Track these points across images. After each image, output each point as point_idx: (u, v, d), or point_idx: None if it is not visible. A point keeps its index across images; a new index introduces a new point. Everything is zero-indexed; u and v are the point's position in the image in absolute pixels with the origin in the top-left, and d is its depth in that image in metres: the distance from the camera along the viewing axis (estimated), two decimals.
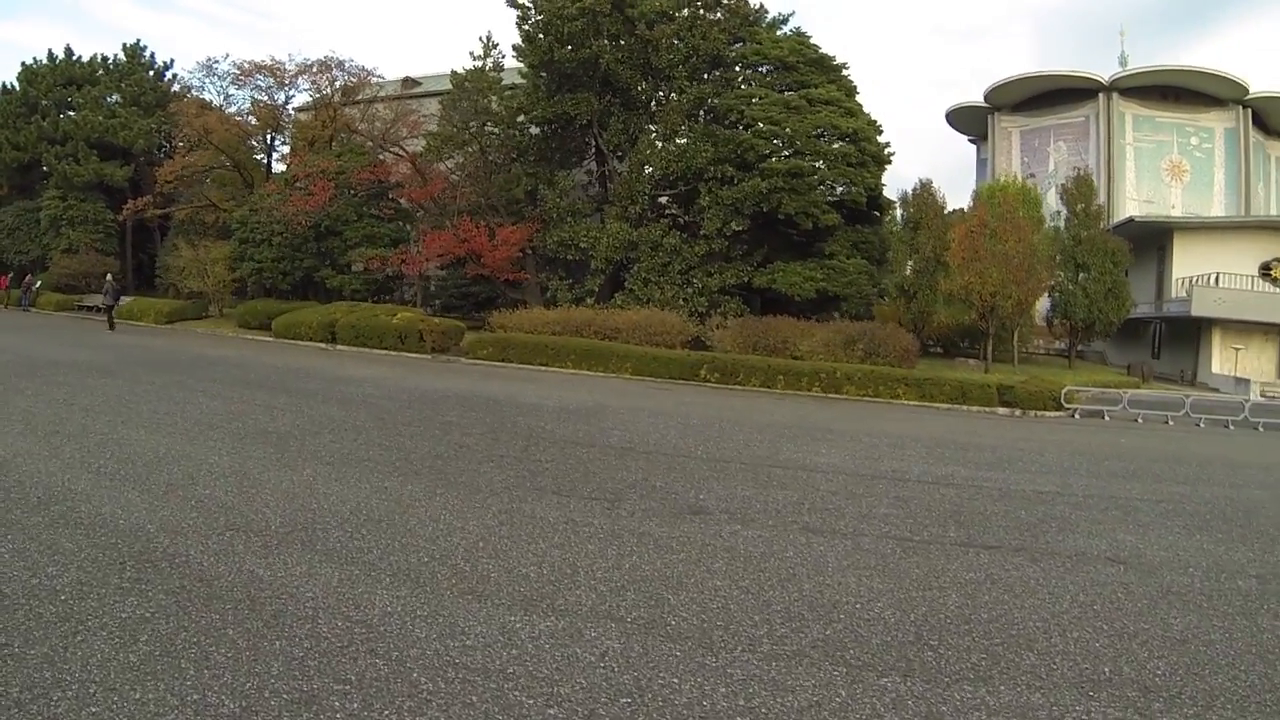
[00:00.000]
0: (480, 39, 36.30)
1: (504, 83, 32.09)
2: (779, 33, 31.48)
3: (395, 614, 4.42)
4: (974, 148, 67.55)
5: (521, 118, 30.96)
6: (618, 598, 4.89)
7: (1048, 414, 19.48)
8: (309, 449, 8.82)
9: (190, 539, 5.53)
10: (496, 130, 30.78)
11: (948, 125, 66.36)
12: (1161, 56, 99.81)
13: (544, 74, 28.50)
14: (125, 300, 34.12)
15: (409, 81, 36.11)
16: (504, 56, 33.83)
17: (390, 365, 19.66)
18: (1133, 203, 53.83)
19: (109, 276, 30.60)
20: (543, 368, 20.95)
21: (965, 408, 19.47)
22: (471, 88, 31.07)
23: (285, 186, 29.66)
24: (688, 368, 20.57)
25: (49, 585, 4.52)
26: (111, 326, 27.04)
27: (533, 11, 28.09)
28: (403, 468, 8.14)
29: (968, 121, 65.01)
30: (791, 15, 31.99)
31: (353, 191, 29.29)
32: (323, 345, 23.83)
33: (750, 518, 7.06)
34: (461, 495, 7.21)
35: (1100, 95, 56.55)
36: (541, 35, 27.20)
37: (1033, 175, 51.79)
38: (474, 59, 33.68)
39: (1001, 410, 19.59)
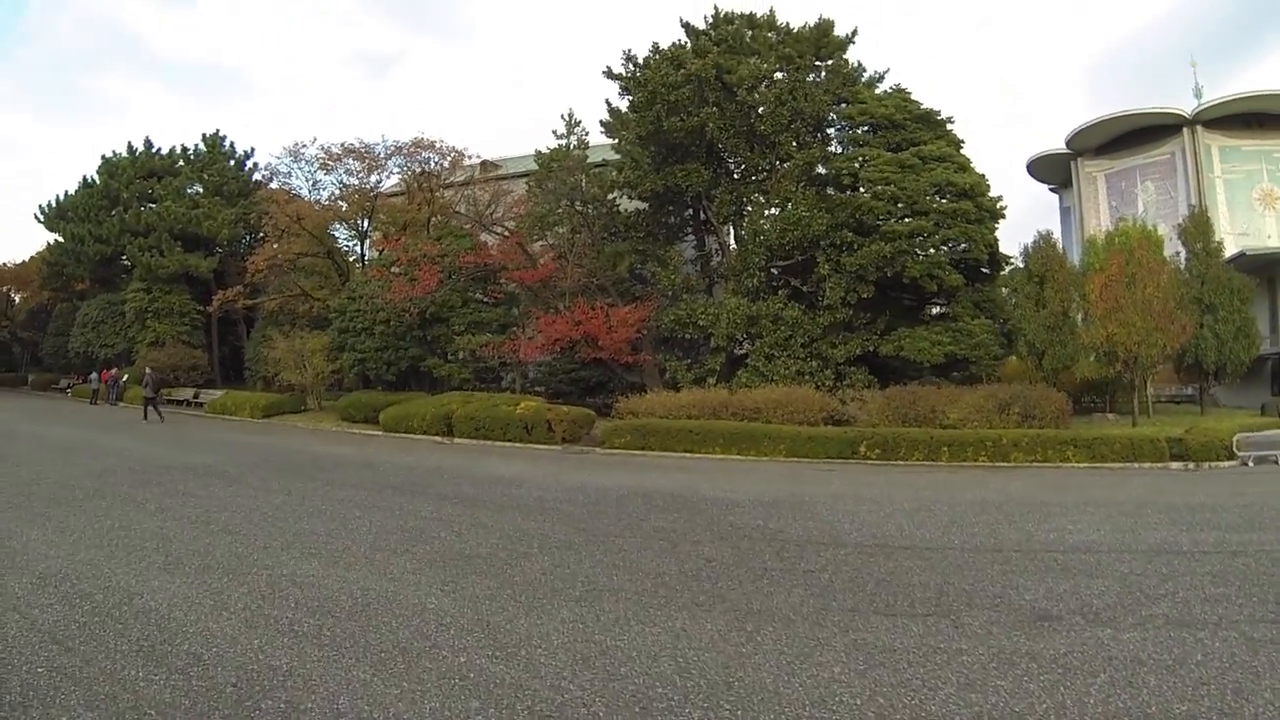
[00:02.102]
0: (562, 117, 36.44)
1: (589, 160, 31.99)
2: (878, 90, 30.95)
3: None
4: (1054, 196, 66.56)
5: (615, 194, 30.74)
6: None
7: (1221, 464, 18.51)
8: (537, 580, 7.67)
9: None
10: (588, 208, 30.49)
11: (1029, 175, 65.52)
12: (1227, 83, 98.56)
13: (651, 146, 28.04)
14: (216, 394, 34.17)
15: (488, 165, 36.01)
16: (587, 134, 33.84)
17: (527, 460, 18.85)
18: (1229, 236, 51.95)
19: (148, 370, 32.18)
20: (687, 454, 20.03)
21: (1137, 465, 18.58)
22: (559, 166, 30.88)
23: (384, 272, 29.25)
24: (845, 445, 19.62)
25: None
26: (146, 417, 28.05)
27: (634, 83, 27.73)
28: (672, 598, 7.11)
29: (1049, 170, 64.09)
30: (887, 72, 31.25)
31: (456, 276, 28.80)
32: (439, 439, 23.07)
33: (1101, 617, 6.51)
34: (783, 631, 6.21)
35: (1184, 130, 55.34)
36: (648, 106, 26.67)
37: (1122, 218, 50.42)
38: (557, 137, 33.74)
39: (1174, 465, 18.66)
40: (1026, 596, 7.12)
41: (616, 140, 32.80)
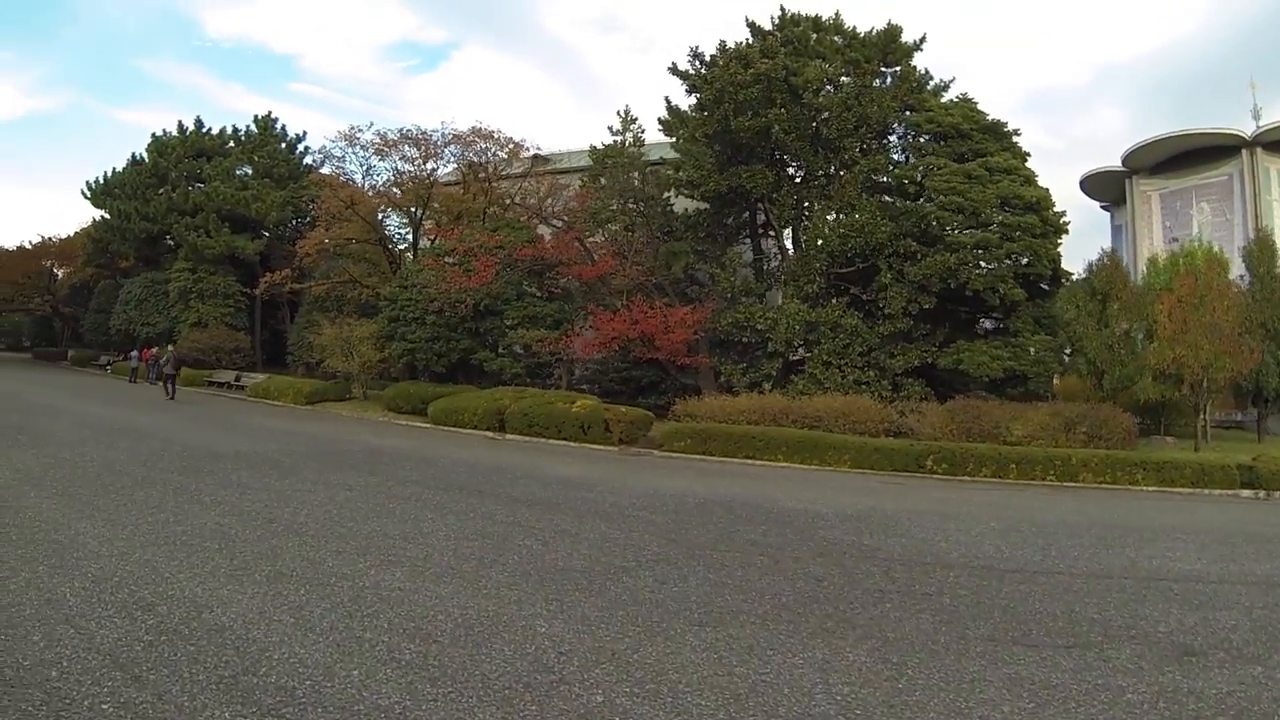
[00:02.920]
0: (618, 113, 36.44)
1: (644, 157, 31.87)
2: (943, 99, 30.61)
3: None
4: (1106, 213, 65.77)
5: (671, 193, 30.45)
6: None
7: None
8: (647, 599, 7.13)
9: None
10: (639, 206, 30.30)
11: (1081, 192, 64.68)
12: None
13: (716, 145, 27.82)
14: (258, 378, 34.21)
15: (539, 159, 35.83)
16: (643, 131, 33.70)
17: (587, 460, 18.60)
18: None
19: (170, 348, 33.66)
20: (748, 461, 19.80)
21: (1206, 491, 18.26)
22: (614, 163, 30.73)
23: (439, 261, 29.12)
24: (911, 459, 19.32)
25: None
26: (170, 395, 29.46)
27: (701, 81, 27.46)
28: (799, 623, 6.72)
29: (1101, 187, 63.27)
30: (953, 81, 30.88)
31: (512, 269, 28.52)
32: (490, 434, 22.85)
33: (1245, 654, 6.41)
34: (930, 663, 5.90)
35: (1243, 152, 54.44)
36: (715, 104, 26.42)
37: (1175, 239, 49.83)
38: (613, 133, 33.63)
39: (1244, 492, 18.40)
40: (1160, 628, 6.98)
41: (674, 139, 32.66)
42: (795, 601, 7.36)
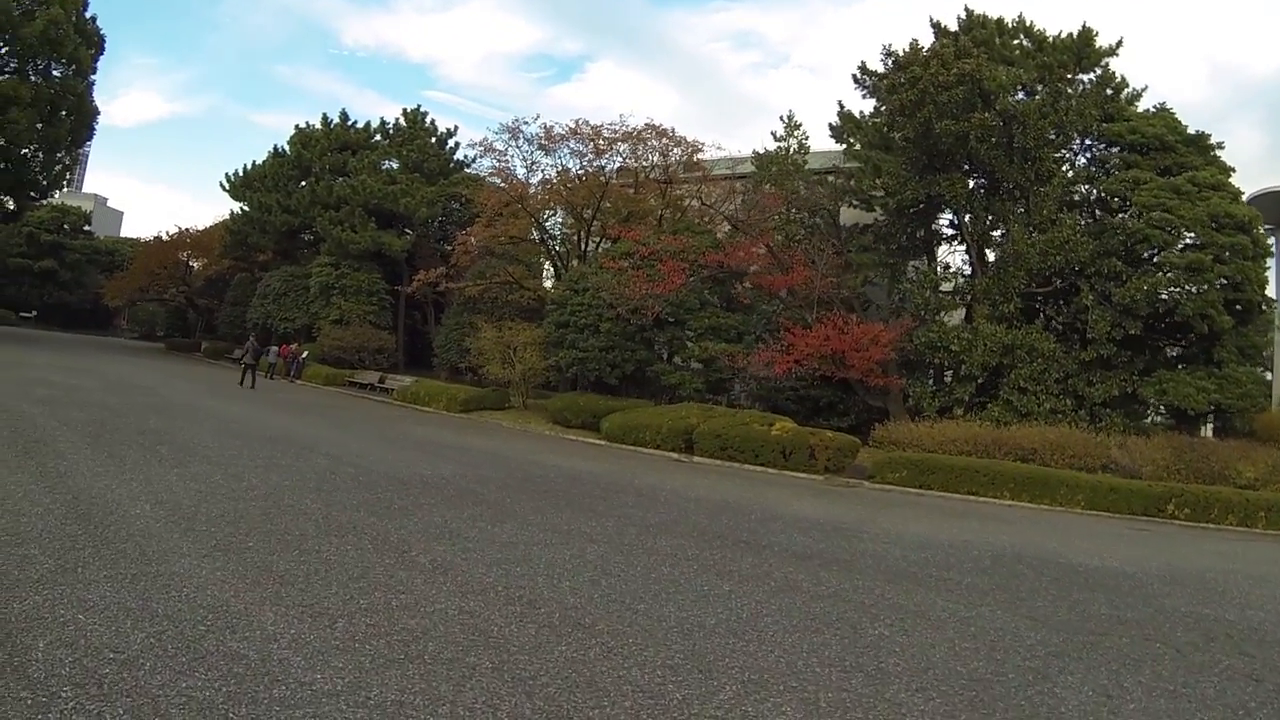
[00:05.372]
0: (781, 119, 36.00)
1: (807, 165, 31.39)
2: (1138, 108, 29.37)
3: None
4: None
5: (842, 202, 29.75)
6: None
7: None
8: None
9: None
10: (803, 215, 29.70)
11: None
12: None
13: (914, 152, 27.06)
14: (405, 380, 34.16)
15: (691, 164, 35.40)
16: (808, 137, 33.20)
17: (809, 494, 17.61)
18: None
19: (251, 337, 34.25)
20: (971, 497, 19.04)
21: None
22: (778, 170, 30.32)
23: (617, 264, 28.10)
24: (1150, 501, 18.41)
25: None
26: (242, 383, 30.46)
27: (902, 83, 26.53)
28: None
29: (1268, 207, 60.37)
30: (1145, 90, 29.56)
31: (696, 276, 27.61)
32: (675, 455, 21.94)
33: None
34: None
35: None
36: (917, 107, 25.67)
37: None
38: (776, 139, 33.14)
39: None
40: None
41: (845, 146, 32.02)
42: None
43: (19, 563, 6.39)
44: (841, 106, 31.91)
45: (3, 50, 38.60)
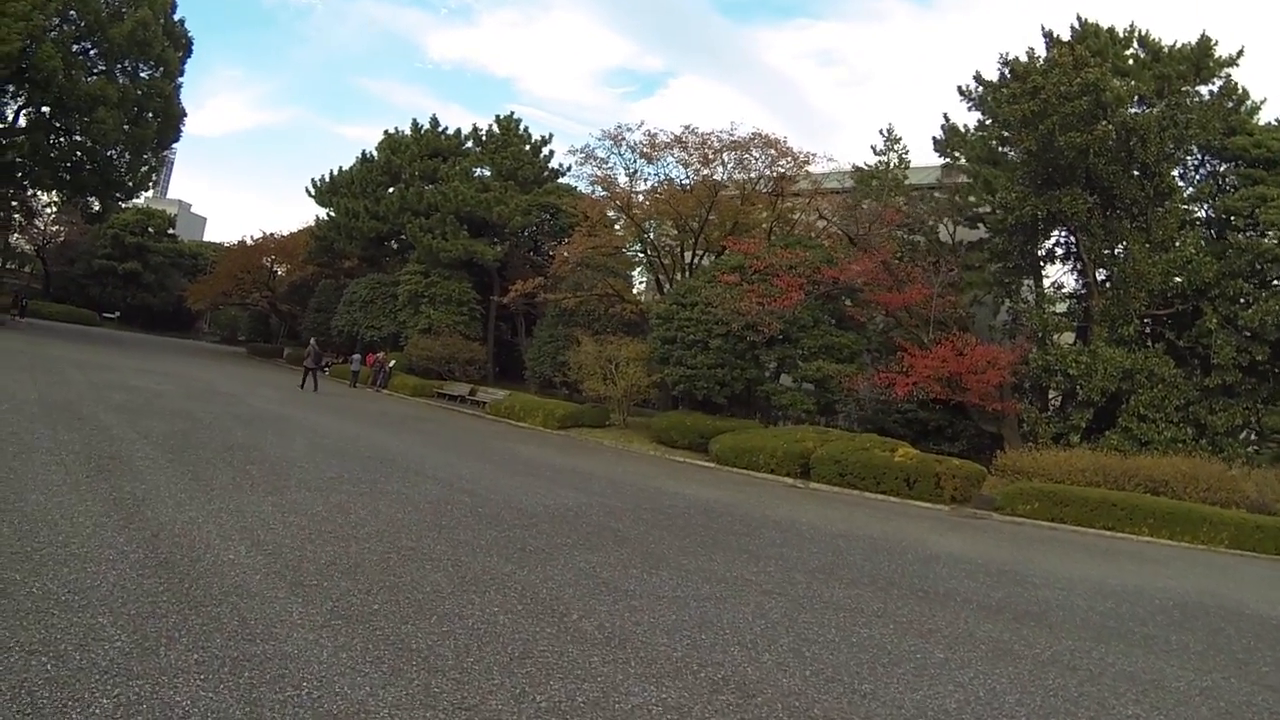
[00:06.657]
0: (881, 132, 35.91)
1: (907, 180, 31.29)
2: (1260, 120, 28.75)
3: None
4: None
5: (948, 218, 29.58)
6: None
7: None
8: None
9: None
10: (904, 232, 29.55)
11: None
12: None
13: (1033, 165, 26.55)
14: (499, 394, 33.98)
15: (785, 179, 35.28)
16: (908, 151, 33.11)
17: (947, 528, 17.16)
18: None
19: (313, 341, 34.75)
20: (1106, 532, 18.82)
21: None
22: (878, 185, 30.30)
23: (730, 278, 27.32)
24: None
25: None
26: (303, 385, 31.62)
27: (1023, 94, 25.99)
28: None
29: None
30: (1264, 102, 28.87)
31: (812, 292, 26.77)
32: (790, 481, 21.68)
33: None
34: None
35: None
36: (1039, 118, 25.12)
37: None
38: (876, 153, 33.08)
39: None
40: None
41: (947, 160, 31.81)
42: None
43: (82, 638, 4.96)
44: (946, 119, 31.72)
45: (91, 51, 39.77)
